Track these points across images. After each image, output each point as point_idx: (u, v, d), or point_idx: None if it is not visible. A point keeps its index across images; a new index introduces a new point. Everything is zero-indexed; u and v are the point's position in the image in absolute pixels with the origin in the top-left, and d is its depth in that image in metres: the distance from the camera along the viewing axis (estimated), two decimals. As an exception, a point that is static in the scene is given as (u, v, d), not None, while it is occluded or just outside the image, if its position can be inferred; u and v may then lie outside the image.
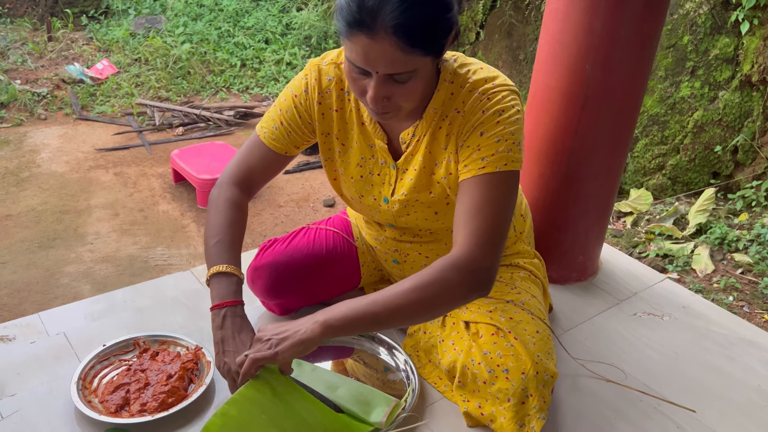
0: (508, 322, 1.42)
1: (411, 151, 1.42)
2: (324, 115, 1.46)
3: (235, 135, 4.70)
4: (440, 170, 1.41)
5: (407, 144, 1.42)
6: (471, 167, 1.31)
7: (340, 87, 1.44)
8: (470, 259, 1.25)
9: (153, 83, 5.21)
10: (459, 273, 1.25)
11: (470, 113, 1.32)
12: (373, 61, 1.17)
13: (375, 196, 1.50)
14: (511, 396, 1.35)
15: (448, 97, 1.36)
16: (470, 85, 1.34)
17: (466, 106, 1.33)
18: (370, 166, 1.48)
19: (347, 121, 1.46)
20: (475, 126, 1.32)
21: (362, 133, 1.45)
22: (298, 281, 1.64)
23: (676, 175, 3.80)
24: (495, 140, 1.30)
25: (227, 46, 5.80)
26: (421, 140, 1.40)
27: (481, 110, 1.31)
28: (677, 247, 3.21)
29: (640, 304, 1.98)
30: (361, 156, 1.48)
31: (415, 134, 1.40)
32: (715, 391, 1.66)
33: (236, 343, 1.34)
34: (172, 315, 1.80)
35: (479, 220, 1.27)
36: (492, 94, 1.32)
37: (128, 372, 1.50)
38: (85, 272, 3.05)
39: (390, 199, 1.48)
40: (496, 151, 1.29)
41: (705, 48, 3.64)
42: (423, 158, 1.41)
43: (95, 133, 4.56)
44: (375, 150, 1.46)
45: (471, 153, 1.32)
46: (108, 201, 3.71)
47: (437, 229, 1.54)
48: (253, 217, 3.66)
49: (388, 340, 1.66)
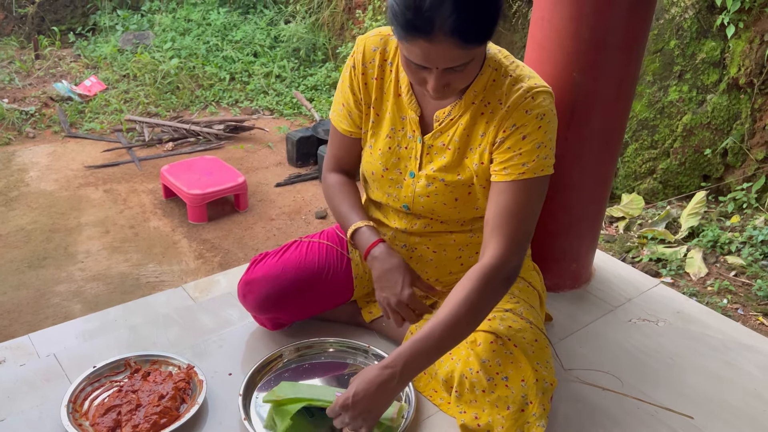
0: (507, 330, 1.42)
1: (442, 128, 1.45)
2: (366, 85, 1.52)
3: (226, 149, 4.69)
4: (474, 156, 1.44)
5: (440, 122, 1.45)
6: (510, 171, 1.37)
7: (383, 57, 1.49)
8: (505, 263, 1.34)
9: (142, 99, 5.20)
10: (499, 278, 1.34)
11: (513, 109, 1.37)
12: (433, 61, 1.23)
13: (401, 170, 1.52)
14: (511, 404, 1.34)
15: (490, 82, 1.40)
16: (513, 79, 1.39)
17: (510, 100, 1.37)
18: (398, 138, 1.51)
19: (385, 91, 1.51)
20: (518, 126, 1.36)
21: (396, 104, 1.50)
22: (290, 295, 1.63)
23: (667, 178, 3.81)
24: (536, 146, 1.36)
25: (216, 60, 5.80)
26: (457, 120, 1.44)
27: (525, 110, 1.36)
28: (670, 250, 3.21)
29: (634, 310, 1.98)
30: (391, 127, 1.51)
31: (451, 114, 1.44)
32: (713, 397, 1.65)
33: (389, 277, 1.45)
34: (164, 333, 1.79)
35: (514, 224, 1.36)
36: (536, 93, 1.37)
37: (119, 393, 1.49)
38: (76, 291, 3.02)
39: (417, 174, 1.50)
40: (537, 156, 1.36)
41: (692, 52, 3.66)
42: (459, 139, 1.44)
43: (84, 151, 4.54)
44: (406, 122, 1.49)
45: (512, 156, 1.37)
46: (98, 218, 3.69)
47: (450, 218, 1.53)
48: (244, 231, 3.64)
49: (381, 354, 1.65)
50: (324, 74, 5.72)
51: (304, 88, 5.63)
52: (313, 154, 4.45)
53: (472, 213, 1.52)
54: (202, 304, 1.92)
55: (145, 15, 6.45)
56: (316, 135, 4.41)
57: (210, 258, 3.36)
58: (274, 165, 4.51)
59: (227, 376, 1.63)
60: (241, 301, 1.68)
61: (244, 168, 4.39)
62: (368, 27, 5.50)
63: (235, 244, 3.51)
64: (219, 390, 1.57)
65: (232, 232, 3.64)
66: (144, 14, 6.46)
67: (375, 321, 1.76)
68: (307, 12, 6.16)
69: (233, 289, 1.74)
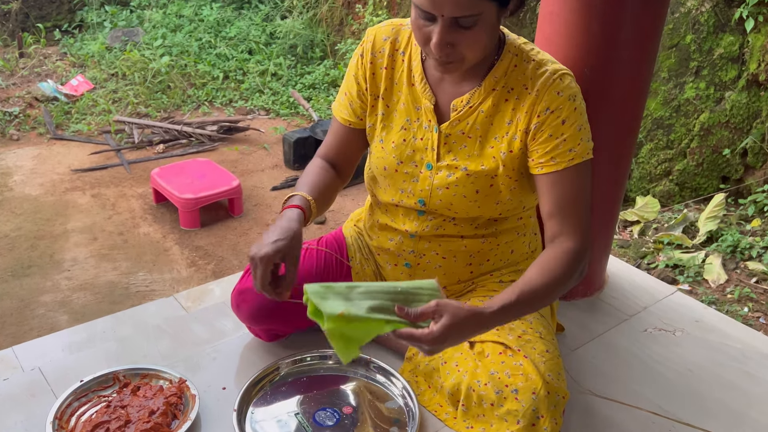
0: (516, 341, 1.42)
1: (460, 116, 1.46)
2: (374, 75, 1.54)
3: (219, 151, 4.70)
4: (501, 144, 1.45)
5: (458, 111, 1.46)
6: (560, 160, 1.39)
7: (394, 47, 1.53)
8: (582, 249, 1.39)
9: (131, 99, 5.21)
10: (577, 263, 1.38)
11: (543, 92, 1.39)
12: (439, 4, 1.25)
13: (416, 162, 1.52)
14: (521, 418, 1.34)
15: (511, 68, 1.43)
16: (536, 63, 1.42)
17: (537, 83, 1.40)
18: (414, 129, 1.52)
19: (396, 81, 1.53)
20: (552, 110, 1.39)
21: (410, 94, 1.51)
22: (285, 305, 1.62)
23: (684, 180, 3.81)
24: (577, 128, 1.40)
25: (209, 57, 5.82)
26: (477, 108, 1.45)
27: (556, 91, 1.39)
28: (687, 256, 3.21)
29: (650, 320, 1.98)
30: (406, 118, 1.52)
31: (470, 102, 1.45)
32: (733, 410, 1.65)
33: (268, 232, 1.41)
34: (154, 345, 1.79)
35: (579, 211, 1.40)
36: (562, 75, 1.41)
37: (108, 409, 1.49)
38: (62, 301, 3.03)
39: (435, 165, 1.50)
40: (581, 140, 1.40)
41: (709, 47, 3.66)
42: (481, 127, 1.46)
43: (71, 153, 4.55)
44: (421, 113, 1.50)
45: (557, 144, 1.39)
46: (85, 225, 3.69)
47: (468, 215, 1.52)
48: (239, 237, 3.65)
49: (384, 366, 1.65)
50: (322, 72, 5.74)
51: (302, 86, 5.64)
52: (310, 156, 4.40)
53: (492, 208, 1.51)
54: (195, 315, 1.92)
55: (134, 11, 6.47)
56: (314, 136, 4.42)
57: (203, 266, 3.37)
58: (270, 167, 4.51)
59: (221, 391, 1.62)
60: (235, 311, 1.68)
61: (239, 171, 4.40)
62: (368, 22, 5.51)
63: (230, 251, 3.51)
64: (212, 405, 1.57)
65: (226, 239, 3.64)
66: (133, 10, 6.49)
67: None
68: (305, 7, 6.18)
69: (227, 298, 1.74)
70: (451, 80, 1.48)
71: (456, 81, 1.47)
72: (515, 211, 1.56)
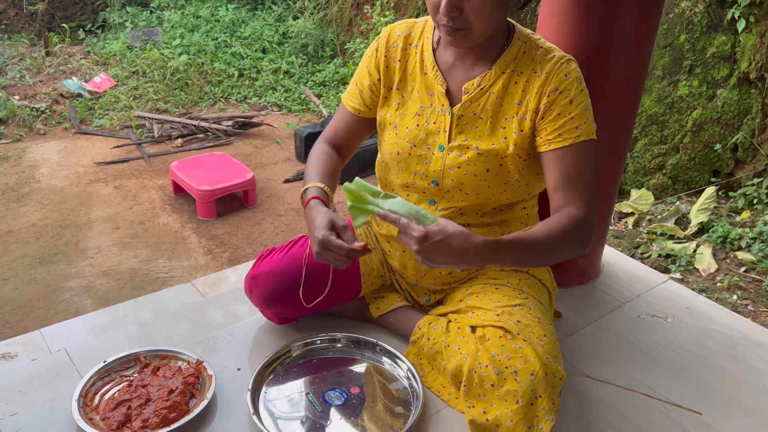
0: (516, 325, 1.42)
1: (471, 98, 1.49)
2: (388, 68, 1.58)
3: (234, 145, 4.70)
4: (511, 125, 1.47)
5: (469, 93, 1.49)
6: (566, 136, 1.42)
7: (407, 42, 1.57)
8: (586, 218, 1.40)
9: (151, 95, 5.22)
10: (579, 228, 1.38)
11: (552, 74, 1.43)
12: None
13: (429, 145, 1.53)
14: (520, 398, 1.34)
15: (520, 53, 1.48)
16: (543, 50, 1.47)
17: (546, 67, 1.44)
18: (427, 114, 1.54)
19: (410, 72, 1.57)
20: (561, 90, 1.42)
21: (423, 82, 1.55)
22: (295, 290, 1.63)
23: (677, 174, 3.79)
24: (584, 108, 1.43)
25: (224, 56, 5.81)
26: (488, 90, 1.48)
27: (564, 74, 1.43)
28: (679, 246, 3.19)
29: (643, 306, 1.97)
30: (420, 105, 1.55)
31: (481, 84, 1.48)
32: (721, 393, 1.64)
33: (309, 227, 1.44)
34: (173, 328, 1.80)
35: (583, 184, 1.42)
36: (569, 60, 1.45)
37: (129, 388, 1.50)
38: (87, 287, 3.04)
39: (446, 146, 1.52)
40: (587, 120, 1.44)
41: (702, 46, 3.63)
42: (492, 107, 1.48)
43: (94, 147, 4.56)
44: (434, 98, 1.53)
45: (564, 122, 1.42)
46: (108, 214, 3.71)
47: (479, 195, 1.52)
48: (253, 227, 3.65)
49: (390, 349, 1.65)
50: (332, 70, 5.72)
51: (313, 84, 5.63)
52: (321, 150, 4.45)
53: (501, 188, 1.51)
54: (211, 300, 1.93)
55: (154, 12, 6.47)
56: (325, 131, 4.41)
57: (219, 254, 3.38)
58: (283, 161, 4.51)
59: (236, 371, 1.63)
60: (248, 295, 1.69)
61: (253, 164, 4.40)
62: (377, 23, 5.49)
63: (244, 240, 3.52)
64: (228, 385, 1.58)
65: (240, 228, 3.65)
66: (153, 11, 6.48)
67: (383, 317, 1.76)
68: (315, 8, 6.16)
69: (242, 284, 1.75)
70: (462, 65, 1.50)
71: (467, 66, 1.50)
72: (521, 196, 1.56)
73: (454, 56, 1.51)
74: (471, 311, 1.54)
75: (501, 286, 1.58)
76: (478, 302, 1.54)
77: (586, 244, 1.42)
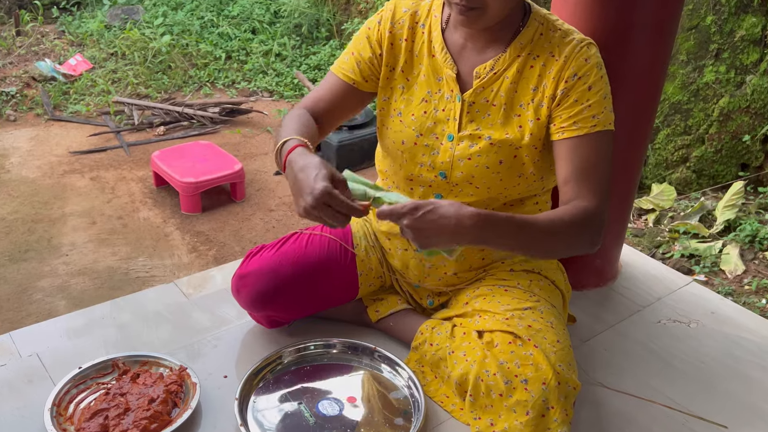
0: (527, 330, 1.42)
1: (484, 84, 1.48)
2: (393, 45, 1.56)
3: (221, 134, 4.69)
4: (527, 112, 1.47)
5: (481, 78, 1.48)
6: (582, 125, 1.42)
7: (414, 20, 1.56)
8: (597, 212, 1.40)
9: (131, 79, 5.21)
10: (588, 221, 1.38)
11: (572, 59, 1.43)
12: None
13: (437, 134, 1.53)
14: (531, 408, 1.34)
15: (537, 36, 1.47)
16: (562, 32, 1.47)
17: (564, 51, 1.44)
18: (435, 101, 1.53)
19: (416, 54, 1.55)
20: (580, 76, 1.42)
21: (431, 65, 1.54)
22: (286, 291, 1.63)
23: (702, 167, 3.79)
24: (602, 96, 1.44)
25: (211, 37, 5.80)
26: (501, 74, 1.48)
27: (584, 58, 1.43)
28: (704, 246, 3.20)
29: (664, 311, 1.98)
30: (427, 90, 1.54)
31: (494, 68, 1.47)
32: (749, 405, 1.65)
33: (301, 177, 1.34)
34: (154, 332, 1.80)
35: (597, 177, 1.42)
36: (589, 44, 1.46)
37: (107, 396, 1.50)
38: (61, 286, 3.04)
39: (456, 136, 1.51)
40: (605, 109, 1.44)
41: (730, 29, 3.63)
42: (506, 94, 1.48)
43: (69, 135, 4.56)
44: (442, 83, 1.52)
45: (581, 110, 1.42)
46: (84, 208, 3.70)
47: (491, 188, 1.52)
48: (241, 223, 3.65)
49: (389, 355, 1.65)
50: (328, 53, 5.71)
51: (306, 67, 5.62)
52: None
53: (514, 182, 1.52)
54: (196, 301, 1.93)
55: (134, -12, 6.45)
56: (319, 119, 4.41)
57: (204, 251, 3.38)
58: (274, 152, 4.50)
59: (222, 379, 1.64)
60: (235, 296, 1.69)
61: (241, 154, 4.40)
62: (376, 1, 5.48)
63: (232, 237, 3.52)
64: (213, 393, 1.58)
65: (228, 224, 3.65)
66: (133, -13, 6.47)
67: (382, 320, 1.76)
68: (310, -15, 6.15)
69: (229, 285, 1.75)
70: (474, 48, 1.50)
71: (479, 48, 1.49)
72: (535, 191, 1.56)
73: (465, 37, 1.51)
74: (478, 315, 1.54)
75: (510, 287, 1.58)
76: (486, 305, 1.54)
77: (596, 240, 1.42)
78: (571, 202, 1.41)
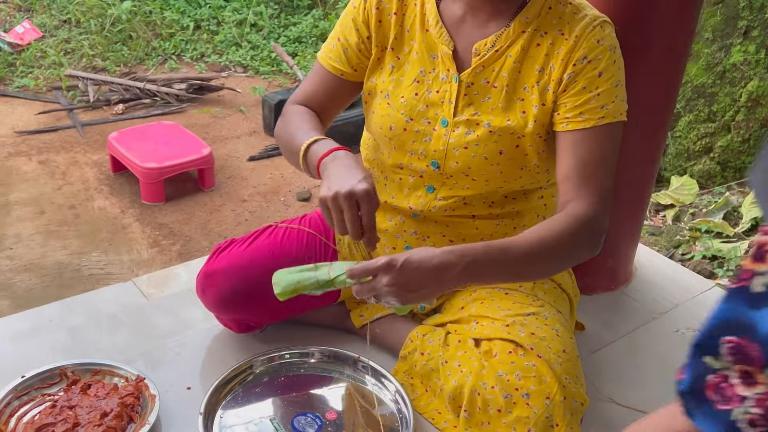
0: (529, 338, 1.43)
1: (484, 62, 1.47)
2: (381, 22, 1.55)
3: (188, 113, 4.68)
4: (531, 96, 1.46)
5: (481, 55, 1.47)
6: (589, 116, 1.42)
7: None
8: (596, 217, 1.40)
9: (86, 50, 5.18)
10: (585, 230, 1.38)
11: (582, 39, 1.42)
12: None
13: (429, 119, 1.52)
14: (533, 426, 1.35)
15: (545, 10, 1.46)
16: (573, 6, 1.46)
17: (575, 29, 1.43)
18: (429, 81, 1.52)
19: (408, 29, 1.55)
20: (590, 60, 1.42)
21: (425, 41, 1.53)
22: (258, 292, 1.62)
23: (727, 158, 3.82)
24: (614, 84, 1.43)
25: (177, 3, 5.77)
26: (504, 52, 1.46)
27: (596, 39, 1.42)
28: (728, 246, 3.22)
29: (682, 319, 1.99)
30: (420, 69, 1.53)
31: (496, 45, 1.46)
32: (775, 424, 1.66)
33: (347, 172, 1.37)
34: (109, 336, 1.79)
35: (600, 176, 1.42)
36: (603, 23, 1.45)
37: (53, 410, 1.49)
38: (3, 284, 3.03)
39: (451, 121, 1.50)
40: (616, 98, 1.43)
41: (761, 4, 3.65)
42: (509, 74, 1.47)
43: (15, 112, 4.53)
44: (437, 62, 1.51)
45: (589, 98, 1.42)
46: (31, 196, 3.68)
47: (487, 184, 1.52)
48: (210, 214, 3.65)
49: (374, 365, 1.66)
50: (310, 23, 5.70)
51: (285, 40, 5.61)
52: (295, 121, 4.44)
53: (515, 175, 1.51)
54: (157, 302, 1.93)
55: (91, -54, 6.41)
56: (299, 98, 4.41)
57: (167, 246, 3.37)
58: (247, 134, 4.50)
59: (185, 391, 1.64)
60: (200, 296, 1.69)
61: (211, 137, 4.38)
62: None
63: (198, 230, 3.51)
64: (175, 407, 1.58)
65: (194, 216, 3.64)
66: (90, -55, 6.42)
67: (367, 326, 1.76)
68: (291, -54, 6.13)
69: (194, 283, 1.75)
70: (474, 21, 1.48)
71: (480, 22, 1.48)
72: (539, 183, 1.56)
73: (464, 9, 1.50)
74: (475, 321, 1.54)
75: (512, 290, 1.58)
76: (484, 310, 1.54)
77: (595, 247, 1.42)
78: (565, 209, 1.40)
